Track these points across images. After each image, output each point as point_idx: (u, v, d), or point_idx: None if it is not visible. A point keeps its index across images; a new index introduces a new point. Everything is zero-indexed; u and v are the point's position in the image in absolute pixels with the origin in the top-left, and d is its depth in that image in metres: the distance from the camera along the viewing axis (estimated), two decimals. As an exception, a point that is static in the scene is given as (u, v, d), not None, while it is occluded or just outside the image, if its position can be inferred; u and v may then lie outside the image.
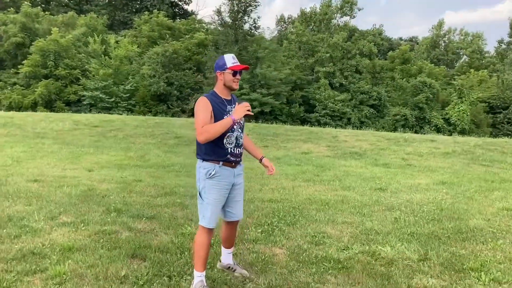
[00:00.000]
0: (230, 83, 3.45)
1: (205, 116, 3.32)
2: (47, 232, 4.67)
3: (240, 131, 3.53)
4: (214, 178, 3.42)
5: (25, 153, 11.15)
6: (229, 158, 3.46)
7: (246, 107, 3.28)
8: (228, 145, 3.44)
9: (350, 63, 39.15)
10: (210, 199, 3.44)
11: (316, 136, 15.61)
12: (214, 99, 3.43)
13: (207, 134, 3.26)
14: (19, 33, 35.46)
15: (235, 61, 3.45)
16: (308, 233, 5.11)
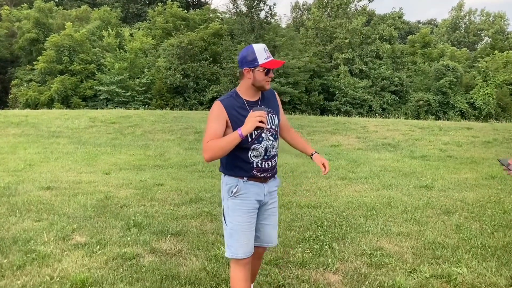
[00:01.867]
0: (262, 83, 2.66)
1: (215, 128, 2.59)
2: (57, 258, 3.95)
3: (272, 139, 2.74)
4: (239, 197, 2.71)
5: (39, 154, 10.56)
6: (254, 174, 2.72)
7: (257, 117, 2.44)
8: (253, 158, 2.69)
9: (369, 48, 37.89)
10: (234, 223, 2.71)
11: (343, 126, 14.73)
12: (232, 103, 2.67)
13: (210, 152, 2.54)
14: (33, 29, 35.00)
15: (268, 55, 2.65)
16: (364, 251, 4.30)
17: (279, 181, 2.95)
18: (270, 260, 4.01)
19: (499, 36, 55.94)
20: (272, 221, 2.88)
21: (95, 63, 33.19)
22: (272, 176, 2.82)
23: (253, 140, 2.66)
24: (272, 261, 4.00)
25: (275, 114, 2.80)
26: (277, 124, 2.80)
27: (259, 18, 34.60)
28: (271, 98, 2.86)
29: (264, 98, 2.80)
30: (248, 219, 2.71)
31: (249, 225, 2.72)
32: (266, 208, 2.83)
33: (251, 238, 2.74)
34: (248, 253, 2.72)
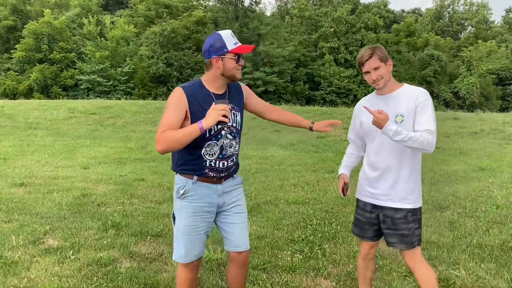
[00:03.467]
0: (233, 71, 2.40)
1: (173, 117, 2.30)
2: (25, 266, 3.62)
3: (230, 137, 2.48)
4: (186, 198, 2.47)
5: (14, 147, 10.11)
6: (207, 173, 2.45)
7: (221, 111, 2.16)
8: (207, 156, 2.42)
9: (355, 37, 37.75)
10: (180, 226, 2.50)
11: (330, 117, 14.50)
12: (196, 92, 2.39)
13: (165, 143, 2.23)
14: (10, 16, 33.97)
15: (236, 40, 2.39)
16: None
17: (240, 179, 2.69)
18: (257, 264, 3.74)
19: (482, 26, 56.25)
20: (238, 220, 2.60)
21: (75, 51, 32.42)
22: (228, 177, 2.55)
23: (210, 136, 2.39)
24: (259, 266, 3.73)
25: (238, 111, 2.53)
26: (239, 122, 2.54)
27: (243, 6, 34.13)
28: (236, 93, 2.58)
29: (230, 92, 2.53)
30: (193, 222, 2.47)
31: (195, 229, 2.48)
32: (227, 208, 2.58)
33: (196, 242, 2.51)
34: (192, 257, 2.51)
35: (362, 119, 2.74)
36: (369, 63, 2.54)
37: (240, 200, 2.63)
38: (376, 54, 2.53)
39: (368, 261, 2.95)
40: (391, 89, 2.62)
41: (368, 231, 2.82)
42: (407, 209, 2.64)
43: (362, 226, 2.85)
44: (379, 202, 2.69)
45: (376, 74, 2.55)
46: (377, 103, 2.63)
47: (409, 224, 2.64)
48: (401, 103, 2.55)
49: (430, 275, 2.70)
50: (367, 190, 2.77)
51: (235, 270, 2.66)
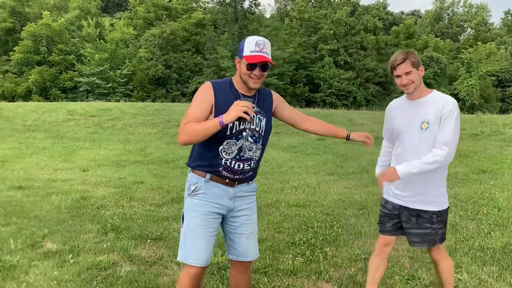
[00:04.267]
0: (245, 77, 2.36)
1: (198, 110, 2.31)
2: (23, 270, 3.58)
3: (251, 140, 2.41)
4: (197, 196, 2.42)
5: (13, 150, 10.07)
6: (220, 172, 2.40)
7: (243, 107, 2.13)
8: (223, 154, 2.38)
9: (354, 39, 37.75)
10: (189, 224, 2.42)
11: (330, 119, 14.46)
12: (224, 89, 2.38)
13: (186, 135, 2.26)
14: (8, 18, 33.95)
15: (257, 48, 2.32)
16: (358, 255, 4.03)
17: (256, 186, 2.63)
18: (258, 268, 3.70)
19: (481, 28, 56.31)
20: (245, 230, 2.54)
21: (74, 53, 32.39)
22: (242, 181, 2.48)
23: (231, 135, 2.34)
24: (260, 269, 3.69)
25: (264, 116, 2.47)
26: (263, 128, 2.46)
27: (243, 8, 34.12)
28: (267, 100, 2.54)
29: (260, 97, 2.49)
30: (204, 222, 2.40)
31: (206, 229, 2.41)
32: (236, 215, 2.51)
33: (208, 245, 2.42)
34: (200, 262, 2.39)
35: (392, 121, 2.80)
36: (401, 67, 2.59)
37: (250, 209, 2.57)
38: (409, 59, 2.57)
39: (381, 259, 2.97)
40: (420, 95, 2.67)
41: (387, 224, 2.89)
42: (432, 211, 2.70)
43: (382, 220, 2.93)
44: (405, 203, 2.76)
45: (407, 79, 2.58)
46: (407, 107, 2.71)
47: (433, 225, 2.72)
48: (429, 109, 2.60)
49: (452, 270, 2.92)
50: (393, 191, 2.83)
51: (238, 275, 2.62)
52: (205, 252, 2.41)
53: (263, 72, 2.35)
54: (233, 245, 2.55)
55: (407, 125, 2.67)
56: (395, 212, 2.83)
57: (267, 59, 2.32)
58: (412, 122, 2.65)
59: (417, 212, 2.74)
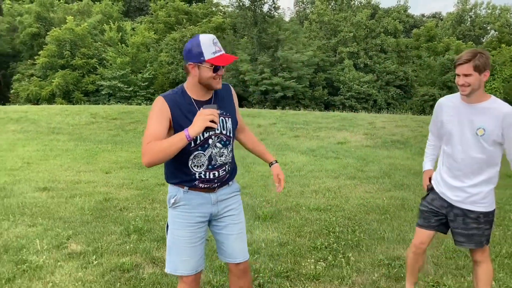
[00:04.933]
0: (209, 80, 2.25)
1: (156, 127, 2.18)
2: (49, 270, 3.65)
3: (219, 146, 2.35)
4: (178, 208, 2.37)
5: (38, 152, 10.26)
6: (197, 185, 2.35)
7: (208, 116, 2.03)
8: (195, 168, 2.31)
9: (374, 42, 37.45)
10: (173, 237, 2.38)
11: (350, 122, 14.37)
12: (177, 100, 2.26)
13: (150, 156, 2.10)
14: (34, 23, 34.72)
15: (217, 49, 2.22)
16: (381, 261, 3.98)
17: (237, 186, 2.58)
18: (280, 272, 3.70)
19: (505, 30, 55.17)
20: (232, 230, 2.50)
21: (96, 57, 32.91)
22: (222, 185, 2.43)
23: (196, 146, 2.27)
24: (282, 273, 3.69)
25: (228, 117, 2.40)
26: (230, 129, 2.39)
27: (262, 12, 34.16)
28: (226, 97, 2.45)
29: (217, 97, 2.39)
30: (188, 234, 2.36)
31: (190, 240, 2.37)
32: (221, 216, 2.47)
33: (194, 254, 2.38)
34: (189, 271, 2.38)
35: (443, 119, 2.79)
36: (462, 67, 2.55)
37: (235, 210, 2.52)
38: (473, 62, 2.52)
39: (418, 255, 3.02)
40: (478, 100, 2.63)
41: (432, 219, 2.91)
42: (479, 212, 2.72)
43: (426, 216, 2.94)
44: (453, 202, 2.79)
45: (464, 80, 2.55)
46: (462, 109, 2.68)
47: (480, 225, 2.74)
48: (486, 116, 2.59)
49: (491, 275, 2.87)
50: (442, 189, 2.86)
51: (237, 281, 2.57)
52: (192, 261, 2.38)
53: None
54: (221, 247, 2.53)
55: (462, 128, 2.66)
56: (442, 211, 2.86)
57: (234, 57, 2.25)
58: (467, 126, 2.64)
59: (464, 212, 2.76)
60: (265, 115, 16.57)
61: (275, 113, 17.19)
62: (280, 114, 16.79)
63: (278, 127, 14.34)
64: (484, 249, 2.83)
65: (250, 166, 8.94)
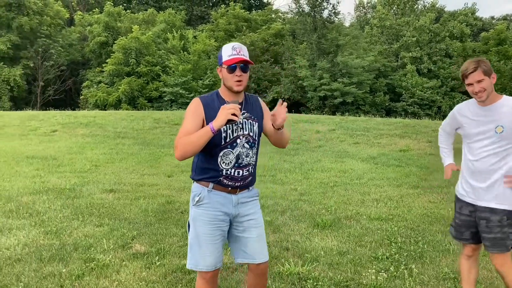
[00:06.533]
0: (230, 82, 2.47)
1: (189, 125, 2.43)
2: (115, 269, 3.81)
3: (247, 146, 2.53)
4: (202, 206, 2.52)
5: (105, 155, 10.77)
6: (222, 181, 2.50)
7: (230, 109, 2.25)
8: (223, 165, 2.49)
9: (439, 46, 36.00)
10: (195, 234, 2.54)
11: (413, 129, 13.92)
12: (212, 102, 2.51)
13: (181, 148, 2.36)
14: (103, 33, 36.54)
15: (234, 52, 2.46)
16: (446, 274, 3.81)
17: (257, 191, 2.70)
18: (340, 281, 3.64)
19: None
20: (253, 233, 2.59)
21: (160, 65, 34.06)
22: (244, 187, 2.58)
23: (226, 144, 2.46)
24: (341, 283, 3.62)
25: (255, 121, 2.58)
26: (257, 132, 2.57)
27: (322, 17, 33.91)
28: (255, 104, 2.65)
29: (247, 102, 2.61)
30: (210, 231, 2.51)
31: (212, 237, 2.52)
32: (242, 220, 2.59)
33: (214, 251, 2.53)
34: (210, 267, 2.53)
35: (462, 124, 2.91)
36: (473, 76, 2.70)
37: (255, 214, 2.63)
38: (480, 68, 2.68)
39: (471, 262, 3.04)
40: (492, 100, 2.77)
41: (465, 233, 2.97)
42: (502, 211, 2.75)
43: (458, 228, 3.01)
44: (475, 201, 2.85)
45: (479, 87, 2.69)
46: (478, 112, 2.83)
47: (504, 228, 2.76)
48: (502, 114, 2.74)
49: None
50: (464, 188, 2.95)
51: (255, 279, 2.67)
52: (212, 257, 2.52)
53: (243, 72, 2.45)
54: (243, 249, 2.60)
55: (482, 130, 2.79)
56: (472, 218, 2.89)
57: (245, 59, 2.43)
58: (486, 127, 2.77)
59: (487, 213, 2.78)
60: (323, 121, 16.43)
61: (334, 119, 17.00)
62: (340, 120, 16.56)
63: (337, 134, 14.16)
64: (504, 257, 2.79)
65: (309, 173, 8.89)
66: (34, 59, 35.19)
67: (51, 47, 35.62)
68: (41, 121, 16.82)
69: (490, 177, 2.78)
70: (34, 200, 6.22)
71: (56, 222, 5.16)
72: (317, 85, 30.21)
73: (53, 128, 15.49)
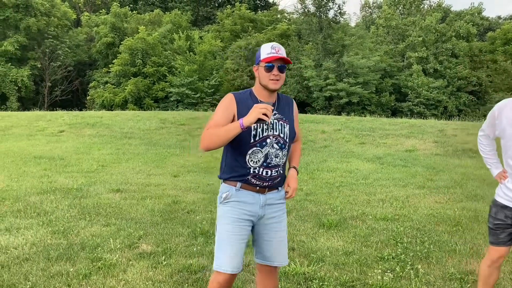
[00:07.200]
0: (265, 81, 2.45)
1: (219, 118, 2.42)
2: (122, 268, 3.84)
3: (276, 147, 2.49)
4: (229, 203, 2.50)
5: (111, 155, 10.83)
6: (249, 180, 2.47)
7: (261, 109, 2.23)
8: (251, 163, 2.46)
9: (445, 46, 35.82)
10: (222, 232, 2.49)
11: (419, 129, 13.88)
12: (245, 99, 2.49)
13: (207, 140, 2.35)
14: (109, 33, 36.73)
15: (273, 51, 2.44)
16: (452, 274, 3.81)
17: (283, 194, 2.63)
18: (346, 281, 3.64)
19: None
20: (274, 237, 2.57)
21: (166, 65, 34.19)
22: (272, 188, 2.54)
23: (255, 142, 2.43)
24: (347, 283, 3.63)
25: (287, 123, 2.56)
26: (288, 134, 2.54)
27: (327, 18, 33.87)
28: (287, 106, 2.63)
29: (280, 103, 2.58)
30: (236, 229, 2.45)
31: (238, 236, 2.45)
32: (266, 222, 2.56)
33: (238, 252, 2.46)
34: (233, 269, 2.44)
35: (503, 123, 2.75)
36: None
37: (280, 217, 2.60)
38: None
39: (493, 269, 2.95)
40: None
41: (501, 235, 2.84)
42: None
43: (494, 232, 2.88)
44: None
45: None
46: None
47: None
48: None
49: None
50: (508, 194, 2.80)
51: (265, 280, 2.65)
52: (236, 259, 2.45)
53: (280, 73, 2.43)
54: (262, 251, 2.59)
55: None
56: (508, 221, 2.77)
57: (283, 57, 2.42)
58: None
59: None
60: (329, 121, 16.42)
61: (339, 119, 16.99)
62: (345, 120, 16.55)
63: (343, 134, 14.15)
64: None
65: (314, 173, 8.89)
66: (42, 59, 35.43)
67: (58, 48, 35.84)
68: (48, 122, 16.94)
69: None
70: (42, 200, 6.28)
71: (64, 221, 5.21)
72: (322, 85, 30.19)
73: (60, 129, 15.60)
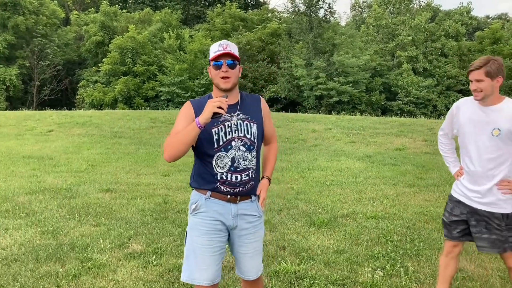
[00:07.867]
0: (216, 79, 2.38)
1: (179, 126, 2.34)
2: (112, 269, 3.81)
3: (243, 149, 2.37)
4: (199, 215, 2.39)
5: (101, 155, 10.76)
6: (218, 187, 2.36)
7: (214, 103, 2.13)
8: (218, 169, 2.35)
9: (434, 45, 36.10)
10: (192, 244, 2.39)
11: (409, 128, 13.97)
12: (203, 104, 2.28)
13: (169, 148, 2.27)
14: (99, 32, 36.44)
15: (220, 48, 2.37)
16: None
17: (261, 210, 2.50)
18: (336, 280, 3.65)
19: None
20: (248, 249, 2.47)
21: (156, 64, 34.00)
22: (244, 196, 2.42)
23: (219, 147, 2.33)
24: (338, 281, 3.64)
25: (254, 122, 2.43)
26: (255, 134, 2.41)
27: (317, 17, 33.94)
28: (253, 104, 2.51)
29: (244, 102, 2.47)
30: (207, 242, 2.36)
31: (209, 248, 2.36)
32: (240, 234, 2.45)
33: (211, 264, 2.37)
34: (207, 281, 2.35)
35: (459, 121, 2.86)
36: (473, 74, 2.70)
37: (255, 227, 2.49)
38: (485, 68, 2.65)
39: (450, 259, 3.04)
40: (492, 102, 2.74)
41: (454, 231, 2.95)
42: (502, 214, 2.75)
43: (448, 227, 3.00)
44: (474, 204, 2.82)
45: (476, 86, 2.68)
46: (478, 112, 2.78)
47: (503, 232, 2.75)
48: (501, 117, 2.70)
49: None
50: (462, 196, 2.91)
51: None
52: (209, 271, 2.37)
53: (230, 69, 2.35)
54: (239, 264, 2.54)
55: (478, 130, 2.75)
56: (463, 217, 2.88)
57: (230, 52, 2.34)
58: (483, 128, 2.73)
59: (487, 216, 2.77)
60: (320, 120, 16.45)
61: (330, 118, 17.04)
62: (336, 119, 16.60)
63: (333, 133, 14.19)
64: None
65: (305, 172, 8.91)
66: (30, 58, 35.06)
67: (47, 47, 35.50)
68: (37, 121, 16.78)
69: (486, 181, 2.74)
70: (31, 200, 6.22)
71: (53, 222, 5.16)
72: (313, 84, 30.25)
73: (49, 128, 15.46)
